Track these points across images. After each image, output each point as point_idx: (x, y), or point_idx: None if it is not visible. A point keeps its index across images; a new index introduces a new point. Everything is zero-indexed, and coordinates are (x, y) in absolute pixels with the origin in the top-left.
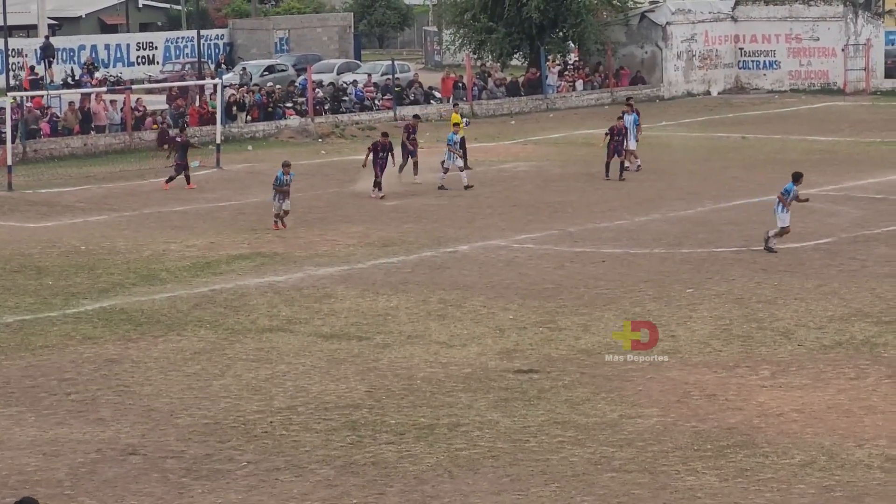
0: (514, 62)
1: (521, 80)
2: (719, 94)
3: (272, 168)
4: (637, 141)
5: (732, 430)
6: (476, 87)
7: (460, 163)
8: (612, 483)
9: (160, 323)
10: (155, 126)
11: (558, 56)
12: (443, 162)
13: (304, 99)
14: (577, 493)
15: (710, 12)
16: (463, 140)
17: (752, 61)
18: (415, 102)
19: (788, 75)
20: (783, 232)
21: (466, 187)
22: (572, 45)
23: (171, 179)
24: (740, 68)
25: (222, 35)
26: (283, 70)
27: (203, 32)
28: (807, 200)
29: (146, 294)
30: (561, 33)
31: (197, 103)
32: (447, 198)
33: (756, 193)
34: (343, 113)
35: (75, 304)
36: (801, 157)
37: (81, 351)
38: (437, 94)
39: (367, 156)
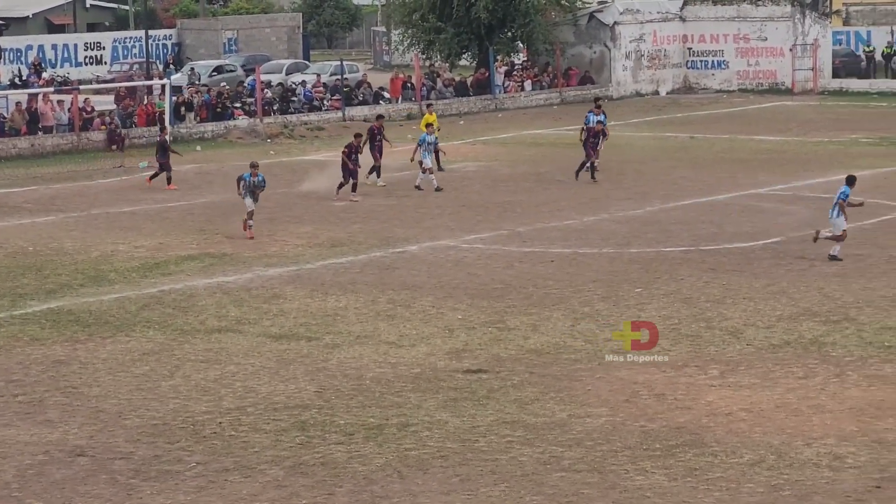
0: (462, 62)
1: (469, 80)
2: (668, 93)
3: (221, 169)
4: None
5: (681, 430)
6: (425, 88)
7: (429, 163)
8: (562, 483)
9: (108, 324)
10: (103, 127)
11: (506, 56)
12: (421, 162)
13: (252, 99)
14: (526, 493)
15: (658, 12)
16: (436, 141)
17: (701, 61)
18: (364, 103)
19: (736, 75)
20: (839, 238)
21: (437, 189)
22: (521, 46)
23: (155, 175)
24: (689, 68)
25: (170, 35)
26: (231, 70)
27: (151, 33)
28: (861, 205)
29: (94, 295)
30: (509, 33)
31: (145, 103)
32: (396, 198)
33: (704, 193)
34: (292, 113)
35: (22, 306)
36: (749, 156)
37: (29, 352)
38: (386, 95)
39: (343, 162)
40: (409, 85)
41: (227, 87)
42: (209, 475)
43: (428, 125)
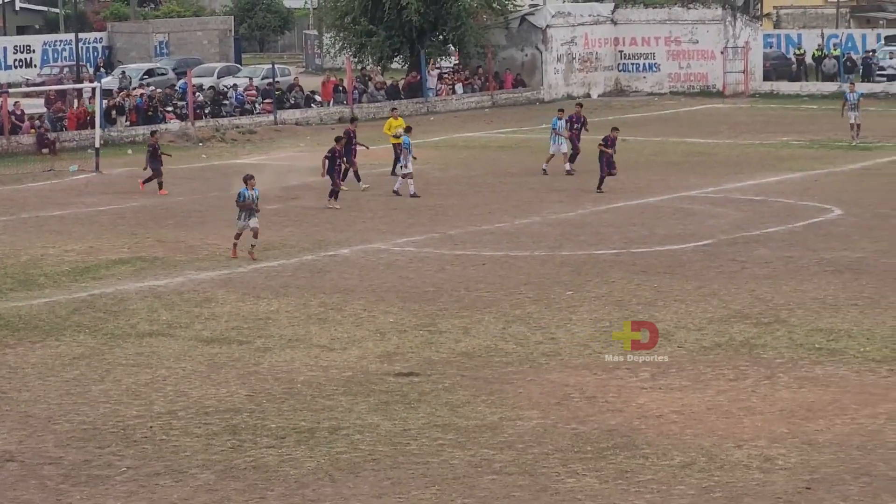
0: (394, 65)
1: (401, 83)
2: (599, 96)
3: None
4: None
5: (612, 432)
6: (356, 91)
7: (411, 168)
8: (493, 485)
9: (38, 328)
10: (33, 130)
11: (438, 60)
12: (403, 167)
13: (184, 103)
14: (457, 496)
15: (589, 15)
16: (396, 147)
17: (632, 64)
18: (295, 106)
19: (668, 78)
20: None
21: (413, 195)
22: (452, 49)
23: (148, 180)
24: (620, 71)
25: (101, 38)
26: (162, 74)
27: (81, 36)
28: None
29: (24, 299)
30: (441, 37)
31: (76, 107)
32: (327, 201)
33: (636, 196)
34: (223, 117)
35: None
36: (680, 159)
37: None
38: (318, 98)
39: (325, 165)
40: (340, 88)
41: (159, 90)
42: (140, 479)
43: (407, 129)
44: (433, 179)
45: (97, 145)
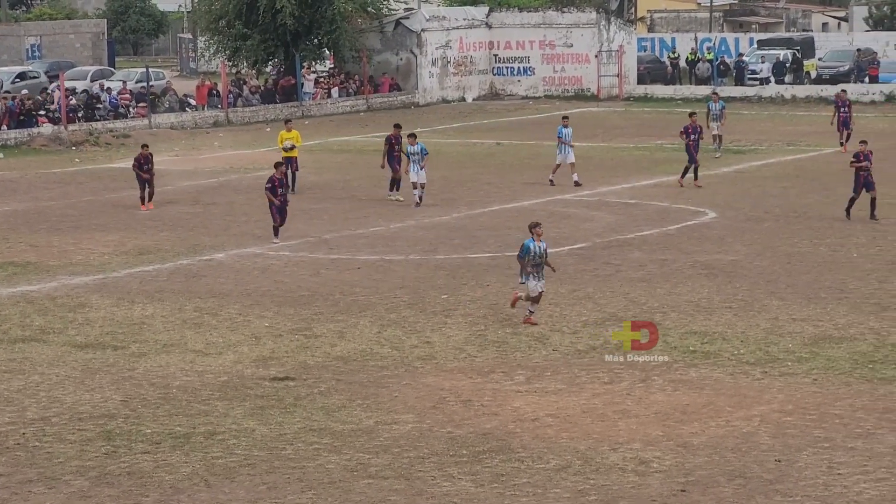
0: (269, 69)
1: (268, 80)
2: (474, 100)
3: (24, 176)
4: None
5: (488, 436)
6: (231, 95)
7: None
8: (369, 490)
9: None
10: None
11: (313, 63)
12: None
13: (57, 106)
14: (333, 501)
15: (464, 19)
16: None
17: (507, 67)
18: (170, 110)
19: (543, 81)
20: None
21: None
22: (327, 53)
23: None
24: (495, 74)
25: None
26: (35, 77)
27: None
28: None
29: None
30: (316, 40)
31: None
32: (202, 206)
33: (510, 199)
34: (97, 121)
35: None
36: (555, 162)
37: None
38: (192, 102)
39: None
40: (215, 92)
41: (30, 95)
42: (12, 487)
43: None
44: (308, 183)
45: None
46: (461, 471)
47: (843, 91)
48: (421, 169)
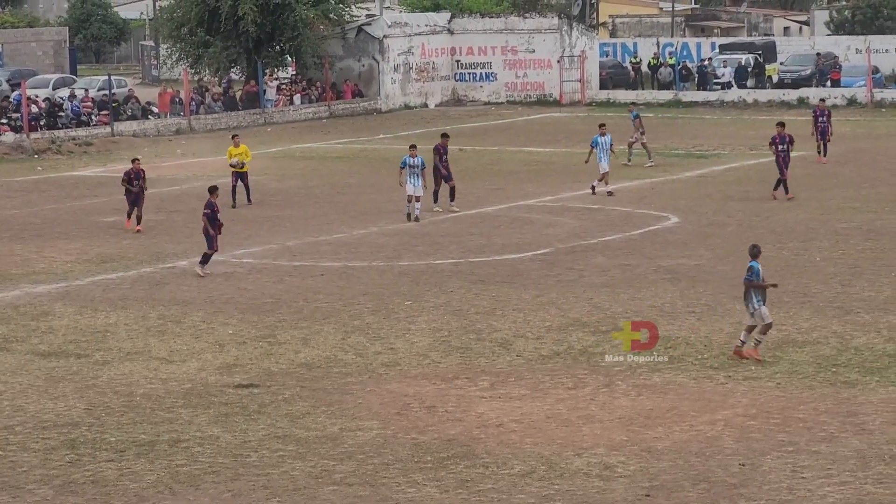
0: (232, 76)
1: (238, 93)
2: (437, 106)
3: None
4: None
5: (452, 442)
6: (194, 102)
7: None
8: (334, 496)
9: None
10: None
11: (276, 70)
12: (424, 187)
13: (18, 114)
14: None
15: (426, 25)
16: (235, 175)
17: (469, 73)
18: (132, 118)
19: (505, 87)
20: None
21: (416, 219)
22: (290, 59)
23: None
24: (457, 80)
25: None
26: None
27: None
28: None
29: None
30: (278, 47)
31: None
32: (165, 213)
33: (473, 205)
34: (59, 129)
35: None
36: (518, 168)
37: None
38: (155, 110)
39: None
40: (177, 100)
41: None
42: None
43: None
44: (270, 190)
45: None
46: (426, 477)
47: (823, 100)
48: (420, 182)
